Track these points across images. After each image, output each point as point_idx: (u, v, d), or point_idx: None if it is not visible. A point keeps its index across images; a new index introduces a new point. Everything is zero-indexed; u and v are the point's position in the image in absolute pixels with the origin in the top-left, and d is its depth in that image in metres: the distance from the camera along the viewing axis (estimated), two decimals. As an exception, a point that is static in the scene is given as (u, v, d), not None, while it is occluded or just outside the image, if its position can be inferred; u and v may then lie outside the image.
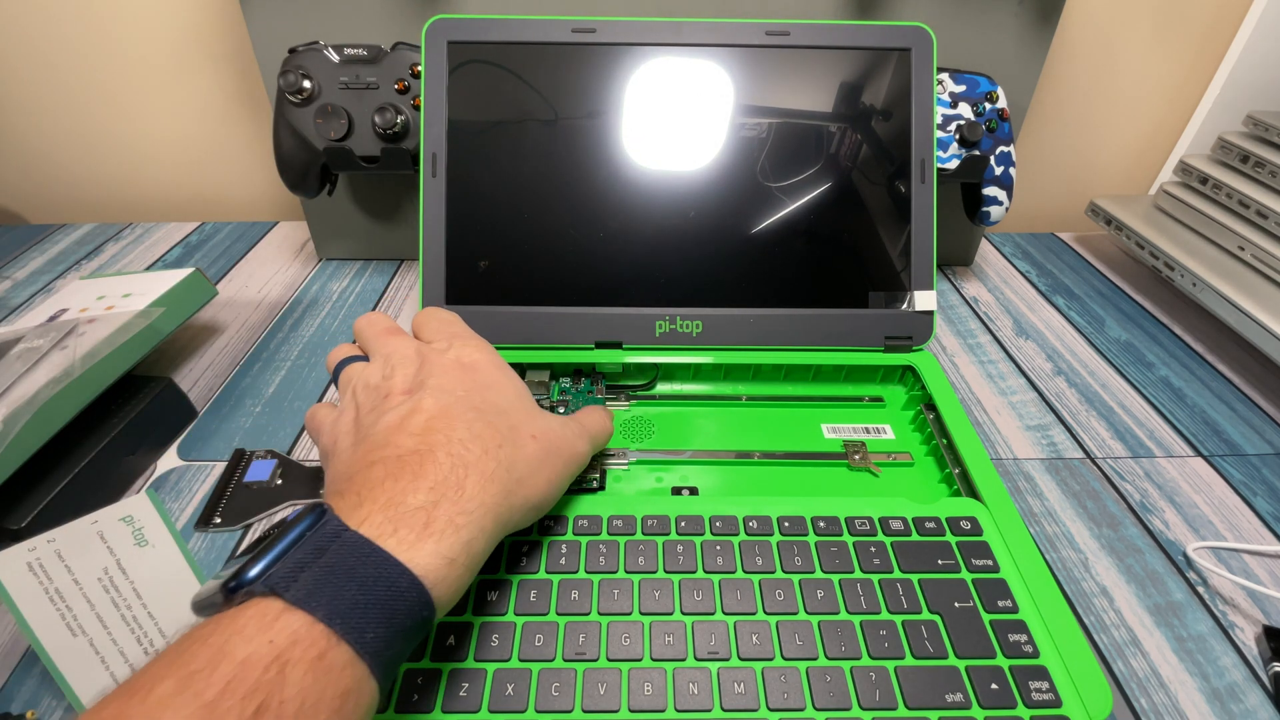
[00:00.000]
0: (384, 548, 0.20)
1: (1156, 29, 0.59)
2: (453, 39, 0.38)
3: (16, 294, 0.52)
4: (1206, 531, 0.35)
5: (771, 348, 0.39)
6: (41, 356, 0.35)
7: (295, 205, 0.66)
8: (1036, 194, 0.68)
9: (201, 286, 0.43)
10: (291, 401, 0.42)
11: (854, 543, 0.29)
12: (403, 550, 0.20)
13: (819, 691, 0.24)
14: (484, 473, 0.23)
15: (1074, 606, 0.31)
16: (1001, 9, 0.47)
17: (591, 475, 0.34)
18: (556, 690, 0.24)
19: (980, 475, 0.32)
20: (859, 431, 0.38)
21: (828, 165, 0.39)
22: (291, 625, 0.17)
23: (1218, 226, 0.49)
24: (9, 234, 0.60)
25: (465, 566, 0.22)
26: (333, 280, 0.54)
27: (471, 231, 0.39)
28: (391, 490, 0.21)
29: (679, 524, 0.30)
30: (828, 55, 0.39)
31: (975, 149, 0.45)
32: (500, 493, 0.23)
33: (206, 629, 0.17)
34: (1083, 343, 0.48)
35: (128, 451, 0.35)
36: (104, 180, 0.66)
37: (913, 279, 0.39)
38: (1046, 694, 0.24)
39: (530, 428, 0.27)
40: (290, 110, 0.44)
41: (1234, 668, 0.29)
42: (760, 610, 0.27)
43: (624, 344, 0.39)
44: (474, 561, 0.22)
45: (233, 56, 0.59)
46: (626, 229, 0.39)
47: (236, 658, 0.16)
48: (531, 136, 0.38)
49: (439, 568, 0.20)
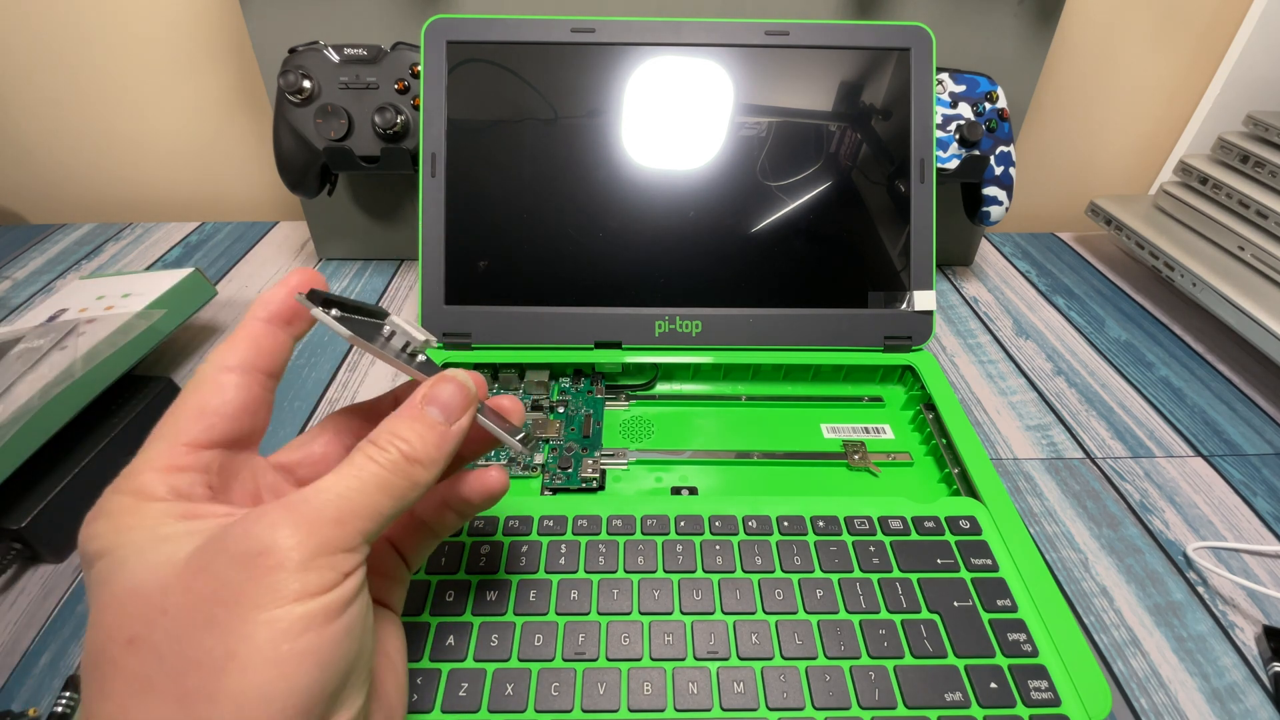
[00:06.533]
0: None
1: (1156, 29, 0.59)
2: (452, 39, 0.38)
3: (16, 294, 0.52)
4: (1206, 531, 0.35)
5: (771, 348, 0.39)
6: (41, 356, 0.35)
7: (295, 205, 0.66)
8: (1036, 194, 0.68)
9: (201, 287, 0.43)
10: (291, 401, 0.42)
11: (853, 542, 0.29)
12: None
13: (818, 691, 0.24)
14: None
15: (1074, 606, 0.31)
16: (1001, 9, 0.47)
17: (591, 475, 0.34)
18: (556, 690, 0.24)
19: (979, 475, 0.32)
20: (858, 431, 0.38)
21: (827, 165, 0.39)
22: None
23: (1218, 226, 0.49)
24: (9, 234, 0.60)
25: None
26: (333, 280, 0.54)
27: (471, 231, 0.39)
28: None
29: (678, 524, 0.30)
30: (827, 55, 0.39)
31: (975, 149, 0.45)
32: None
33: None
34: (1083, 343, 0.48)
35: (128, 451, 0.35)
36: (104, 180, 0.66)
37: (912, 279, 0.39)
38: (1046, 693, 0.24)
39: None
40: (290, 110, 0.44)
41: (1234, 668, 0.29)
42: (760, 610, 0.27)
43: (623, 344, 0.39)
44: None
45: (233, 56, 0.59)
46: (626, 229, 0.39)
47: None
48: (531, 136, 0.38)
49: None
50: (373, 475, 0.18)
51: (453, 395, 0.20)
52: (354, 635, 0.16)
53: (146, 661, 0.15)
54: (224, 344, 0.20)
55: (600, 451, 0.36)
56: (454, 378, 0.20)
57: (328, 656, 0.16)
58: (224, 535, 0.16)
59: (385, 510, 0.18)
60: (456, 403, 0.20)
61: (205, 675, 0.15)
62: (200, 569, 0.15)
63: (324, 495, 0.17)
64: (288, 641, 0.15)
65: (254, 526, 0.16)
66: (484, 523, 0.30)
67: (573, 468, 0.34)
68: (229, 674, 0.15)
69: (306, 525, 0.16)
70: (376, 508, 0.17)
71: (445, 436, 0.19)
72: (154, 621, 0.15)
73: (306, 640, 0.15)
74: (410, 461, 0.18)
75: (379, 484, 0.17)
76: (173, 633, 0.15)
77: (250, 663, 0.15)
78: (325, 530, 0.16)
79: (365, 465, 0.18)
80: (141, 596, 0.15)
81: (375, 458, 0.18)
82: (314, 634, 0.15)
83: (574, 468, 0.34)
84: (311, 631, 0.15)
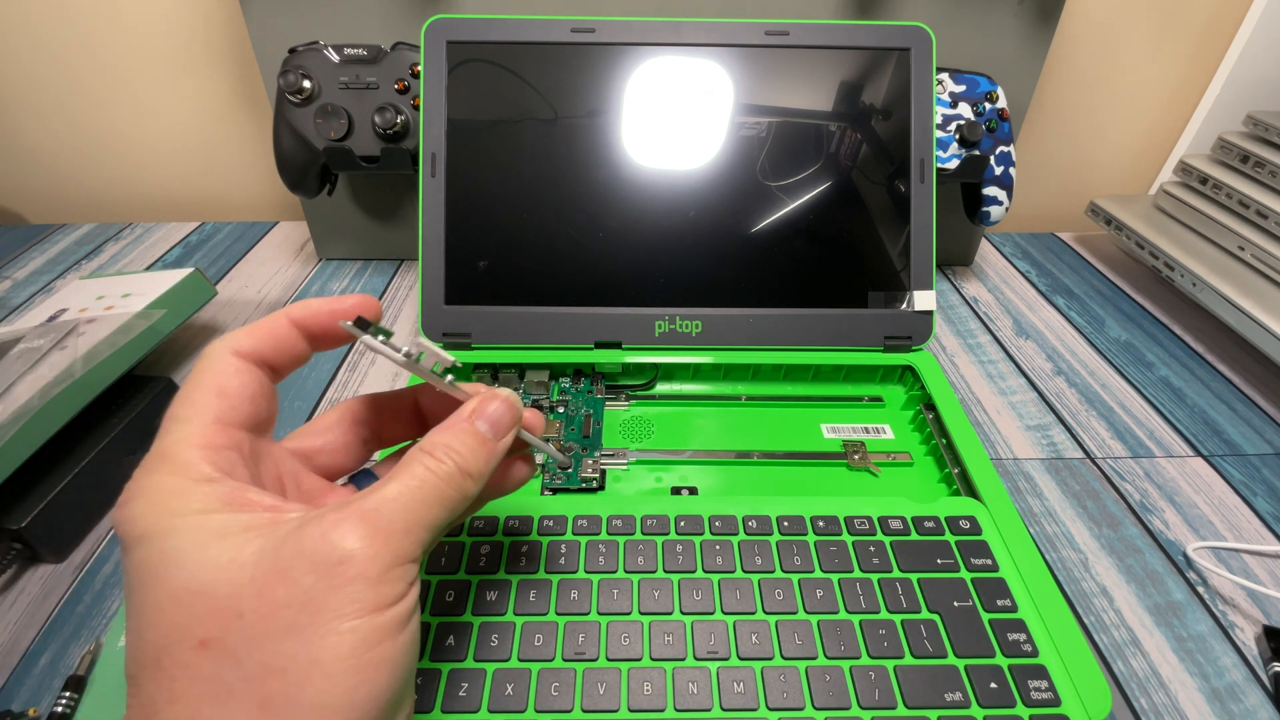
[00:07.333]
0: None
1: (1156, 29, 0.59)
2: (452, 39, 0.38)
3: (16, 294, 0.52)
4: (1206, 531, 0.35)
5: (771, 348, 0.39)
6: (41, 356, 0.35)
7: (295, 205, 0.66)
8: (1036, 194, 0.68)
9: (201, 287, 0.43)
10: (292, 401, 0.42)
11: (853, 542, 0.29)
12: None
13: (818, 691, 0.24)
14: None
15: (1074, 606, 0.31)
16: (1001, 9, 0.47)
17: (591, 475, 0.34)
18: (556, 690, 0.24)
19: (979, 475, 0.32)
20: (858, 431, 0.38)
21: (827, 165, 0.39)
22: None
23: (1218, 226, 0.49)
24: (9, 234, 0.60)
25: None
26: (333, 280, 0.54)
27: (471, 231, 0.39)
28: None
29: (678, 524, 0.30)
30: (827, 55, 0.39)
31: (975, 149, 0.45)
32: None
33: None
34: (1083, 343, 0.48)
35: (128, 451, 0.35)
36: (104, 180, 0.66)
37: (912, 279, 0.39)
38: (1046, 693, 0.24)
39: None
40: (290, 110, 0.44)
41: (1234, 668, 0.29)
42: (760, 610, 0.27)
43: (623, 344, 0.39)
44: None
45: (233, 56, 0.59)
46: (626, 229, 0.39)
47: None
48: (531, 136, 0.38)
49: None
50: (433, 487, 0.18)
51: (502, 413, 0.20)
52: (416, 643, 0.17)
53: (222, 665, 0.15)
54: (243, 329, 0.19)
55: (600, 451, 0.36)
56: (503, 396, 0.21)
57: (399, 664, 0.16)
58: (299, 539, 0.16)
59: (440, 521, 0.18)
60: (505, 420, 0.20)
61: (289, 682, 0.15)
62: (275, 572, 0.15)
63: (392, 505, 0.17)
64: (368, 650, 0.15)
65: (331, 533, 0.16)
66: (484, 523, 0.30)
67: (573, 468, 0.34)
68: (313, 680, 0.15)
69: (382, 536, 0.16)
70: (435, 519, 0.18)
71: (493, 451, 0.20)
72: (228, 625, 0.15)
73: (383, 649, 0.16)
74: (464, 474, 0.18)
75: (438, 496, 0.18)
76: (251, 637, 0.15)
77: (334, 670, 0.15)
78: (397, 541, 0.16)
79: (425, 477, 0.18)
80: (209, 597, 0.15)
81: (434, 469, 0.18)
82: (389, 643, 0.16)
83: (574, 468, 0.34)
84: (387, 641, 0.16)
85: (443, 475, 0.18)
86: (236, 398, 0.18)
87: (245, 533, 0.16)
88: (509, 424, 0.20)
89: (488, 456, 0.19)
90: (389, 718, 0.16)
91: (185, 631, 0.15)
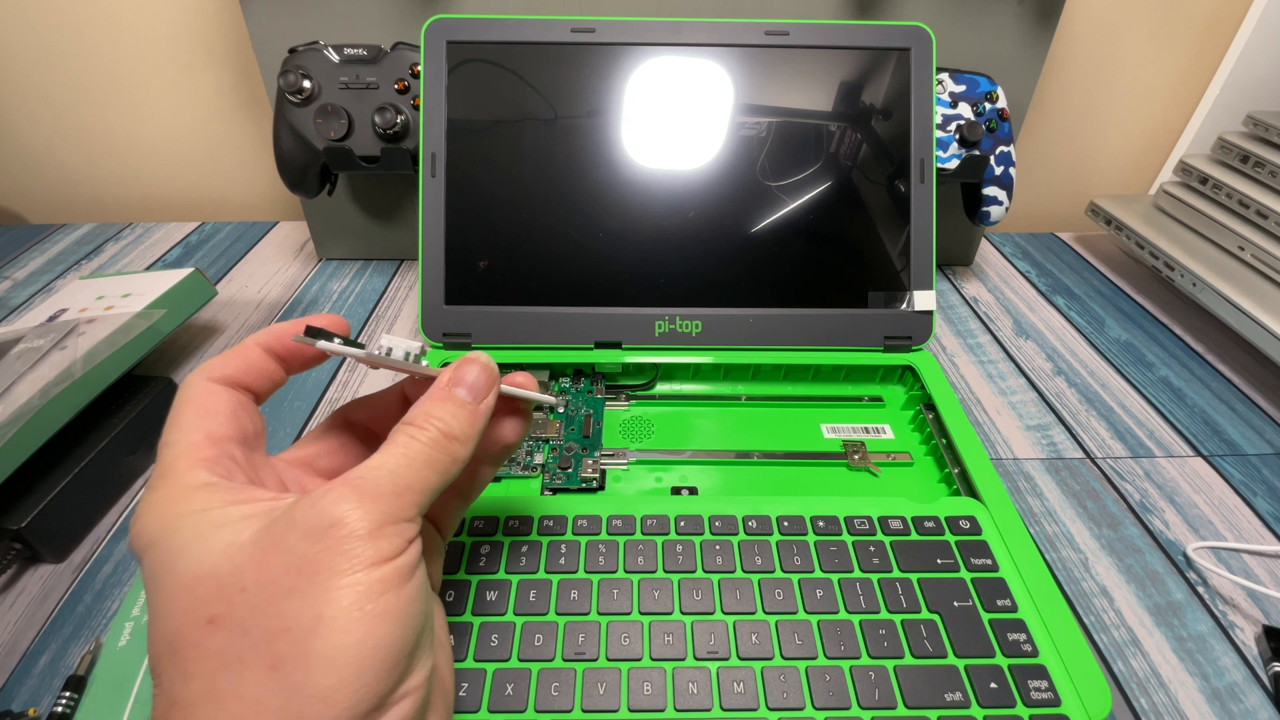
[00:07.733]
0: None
1: (1156, 29, 0.59)
2: (452, 39, 0.38)
3: (16, 294, 0.52)
4: (1206, 531, 0.35)
5: (771, 348, 0.39)
6: (41, 356, 0.35)
7: (295, 205, 0.66)
8: (1036, 194, 0.68)
9: (201, 287, 0.43)
10: (292, 402, 0.42)
11: (853, 542, 0.29)
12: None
13: (818, 691, 0.24)
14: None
15: (1074, 606, 0.31)
16: (1001, 9, 0.47)
17: (591, 475, 0.34)
18: (556, 690, 0.24)
19: (979, 475, 0.32)
20: (858, 431, 0.38)
21: (827, 165, 0.39)
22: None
23: (1218, 226, 0.49)
24: (9, 234, 0.60)
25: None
26: (333, 280, 0.54)
27: (471, 231, 0.39)
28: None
29: (678, 524, 0.30)
30: (827, 55, 0.39)
31: (975, 149, 0.45)
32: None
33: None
34: (1083, 343, 0.48)
35: (128, 451, 0.35)
36: (104, 180, 0.66)
37: (912, 279, 0.39)
38: (1046, 693, 0.24)
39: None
40: (290, 110, 0.44)
41: (1234, 668, 0.29)
42: (760, 610, 0.27)
43: (623, 344, 0.39)
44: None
45: (233, 56, 0.59)
46: (626, 229, 0.39)
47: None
48: (531, 136, 0.38)
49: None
50: (418, 452, 0.18)
51: (478, 375, 0.20)
52: (422, 597, 0.17)
53: (231, 636, 0.15)
54: (215, 358, 0.20)
55: (600, 451, 0.36)
56: (476, 359, 0.21)
57: (405, 615, 0.16)
58: (290, 513, 0.16)
59: (433, 484, 0.18)
60: (482, 382, 0.21)
61: (294, 640, 0.15)
62: (272, 546, 0.16)
63: (378, 472, 0.17)
64: (370, 602, 0.16)
65: (320, 501, 0.16)
66: (484, 523, 0.30)
67: (573, 468, 0.34)
68: (319, 635, 0.15)
69: (370, 498, 0.17)
70: (425, 481, 0.18)
71: (475, 414, 0.20)
72: (233, 599, 0.15)
73: (386, 600, 0.16)
74: (448, 438, 0.19)
75: (425, 460, 0.18)
76: (255, 606, 0.15)
77: (338, 623, 0.15)
78: (386, 501, 0.17)
79: (409, 444, 0.18)
80: (213, 579, 0.16)
81: (417, 436, 0.19)
82: (392, 595, 0.16)
83: (574, 468, 0.34)
84: (390, 592, 0.16)
85: (427, 440, 0.19)
86: (220, 414, 0.19)
87: (243, 520, 0.17)
88: (486, 385, 0.21)
89: (470, 419, 0.20)
90: (402, 669, 0.16)
91: (193, 614, 0.15)
